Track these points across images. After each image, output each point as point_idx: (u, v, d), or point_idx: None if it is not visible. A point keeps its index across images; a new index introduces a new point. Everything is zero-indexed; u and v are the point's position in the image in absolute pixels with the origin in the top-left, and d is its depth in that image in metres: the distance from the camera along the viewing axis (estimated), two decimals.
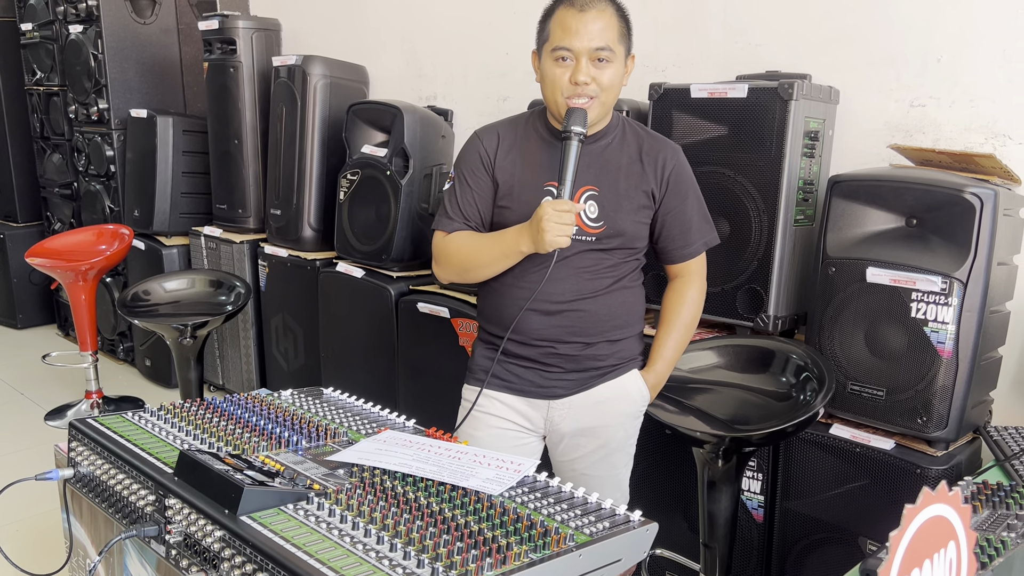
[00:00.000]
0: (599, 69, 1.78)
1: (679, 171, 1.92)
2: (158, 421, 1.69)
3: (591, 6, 1.76)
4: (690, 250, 1.97)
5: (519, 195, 1.87)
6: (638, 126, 1.95)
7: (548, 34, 1.81)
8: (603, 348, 1.92)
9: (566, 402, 1.93)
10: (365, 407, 1.86)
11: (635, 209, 1.88)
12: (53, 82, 4.90)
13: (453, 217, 1.92)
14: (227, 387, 4.21)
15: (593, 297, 1.88)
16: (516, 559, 1.17)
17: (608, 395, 1.94)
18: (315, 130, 3.59)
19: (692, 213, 1.94)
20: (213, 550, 1.26)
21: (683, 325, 2.00)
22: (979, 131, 2.25)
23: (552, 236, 1.72)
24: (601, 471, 1.98)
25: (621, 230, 1.87)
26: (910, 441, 2.02)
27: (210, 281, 3.55)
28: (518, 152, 1.89)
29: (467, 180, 1.91)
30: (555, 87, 1.80)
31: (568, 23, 1.76)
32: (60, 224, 5.18)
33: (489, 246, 1.87)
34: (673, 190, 1.91)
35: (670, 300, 2.01)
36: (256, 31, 3.92)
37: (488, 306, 1.97)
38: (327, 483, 1.40)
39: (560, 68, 1.78)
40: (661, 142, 1.93)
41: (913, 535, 0.94)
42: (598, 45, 1.76)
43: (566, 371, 1.91)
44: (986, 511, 1.52)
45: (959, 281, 1.90)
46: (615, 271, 1.91)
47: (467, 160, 1.92)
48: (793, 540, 2.21)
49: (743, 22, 2.67)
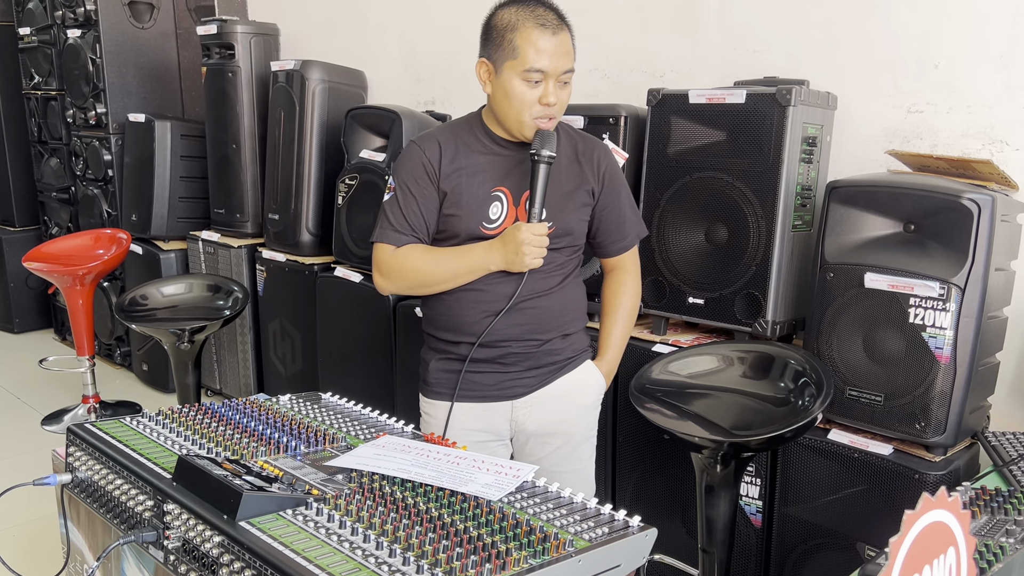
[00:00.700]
0: (562, 90, 1.84)
1: (612, 168, 2.00)
2: (156, 426, 1.69)
3: (560, 29, 1.81)
4: (625, 243, 2.05)
5: (467, 203, 1.88)
6: (569, 128, 2.01)
7: (516, 52, 1.79)
8: (557, 343, 1.98)
9: (528, 400, 1.98)
10: (363, 412, 1.86)
11: (578, 207, 1.95)
12: (51, 86, 4.90)
13: (400, 230, 1.89)
14: (225, 392, 4.20)
15: (547, 294, 1.94)
16: (515, 564, 1.17)
17: (568, 388, 2.01)
18: (313, 135, 3.59)
19: (625, 208, 2.03)
20: (212, 555, 1.26)
21: (627, 314, 2.08)
22: (977, 137, 2.26)
23: (530, 260, 1.81)
24: (569, 466, 2.02)
25: (569, 228, 1.93)
26: (908, 446, 2.02)
27: (208, 286, 3.54)
28: (463, 160, 1.90)
29: (411, 190, 1.89)
30: (523, 107, 1.81)
31: (543, 45, 1.78)
32: (57, 228, 5.18)
33: (452, 263, 1.88)
34: (608, 186, 1.98)
35: (611, 291, 2.09)
36: (254, 36, 3.92)
37: (439, 314, 1.97)
38: (326, 488, 1.39)
39: (531, 89, 1.80)
40: (593, 142, 2.01)
41: (913, 541, 0.94)
42: (567, 68, 1.82)
43: (524, 369, 1.96)
44: (984, 516, 1.52)
45: (957, 287, 1.90)
46: (563, 268, 1.97)
47: (410, 170, 1.90)
48: (791, 545, 2.20)
49: (741, 28, 2.68)
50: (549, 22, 1.79)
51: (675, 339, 2.45)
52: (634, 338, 2.50)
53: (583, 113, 2.60)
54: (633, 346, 2.48)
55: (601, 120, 2.56)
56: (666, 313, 2.48)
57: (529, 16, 1.79)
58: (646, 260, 2.49)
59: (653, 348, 2.42)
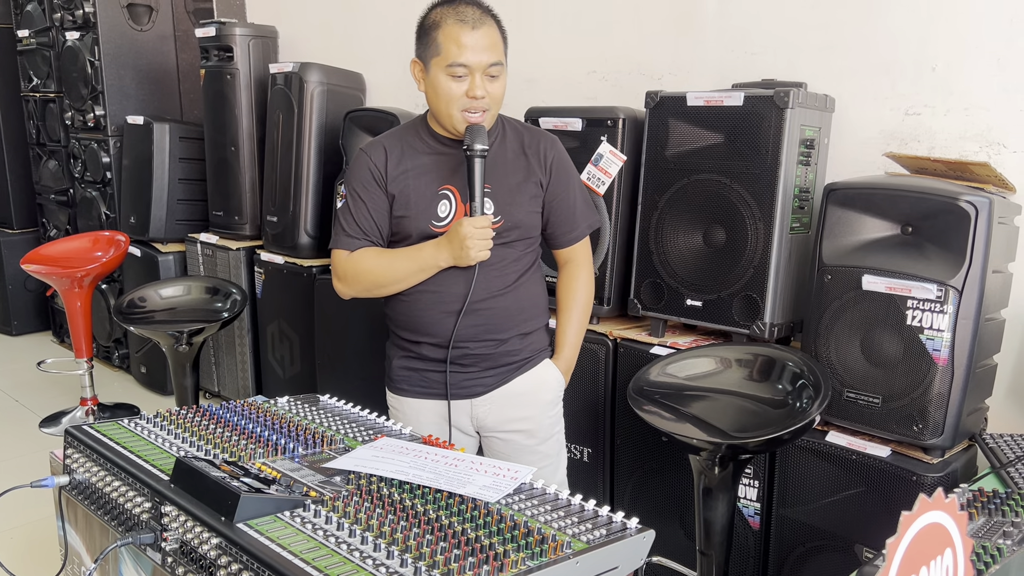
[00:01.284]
0: (491, 83, 1.88)
1: (559, 159, 2.03)
2: (154, 428, 1.69)
3: (481, 23, 1.86)
4: (575, 234, 2.08)
5: (415, 204, 1.95)
6: (516, 122, 2.06)
7: (439, 49, 1.87)
8: (515, 343, 2.01)
9: (487, 398, 2.03)
10: (362, 414, 1.86)
11: (527, 200, 1.98)
12: (49, 89, 4.91)
13: (353, 235, 1.96)
14: (223, 394, 4.20)
15: (502, 294, 1.97)
16: (513, 566, 1.17)
17: (527, 387, 2.05)
18: (312, 137, 3.59)
19: (575, 198, 2.06)
20: (209, 557, 1.26)
21: (580, 309, 2.11)
22: (974, 139, 2.26)
23: (476, 252, 1.84)
24: (536, 463, 2.06)
25: (518, 221, 1.97)
26: (906, 448, 2.03)
27: (206, 288, 3.54)
28: (408, 162, 1.97)
29: (360, 196, 1.96)
30: (451, 101, 1.88)
31: (462, 40, 1.84)
32: (56, 231, 5.18)
33: (404, 263, 1.93)
34: (556, 177, 2.02)
35: (565, 287, 2.12)
36: (253, 38, 3.93)
37: (399, 313, 2.02)
38: (324, 490, 1.39)
39: (456, 83, 1.86)
40: (540, 134, 2.05)
41: (910, 542, 0.94)
42: (491, 61, 1.87)
43: (482, 370, 2.00)
44: (982, 518, 1.52)
45: (954, 289, 1.90)
46: (518, 264, 2.00)
47: (358, 177, 1.98)
48: (789, 547, 2.20)
49: (739, 30, 2.68)
50: (469, 17, 1.85)
51: (673, 341, 2.46)
52: (632, 340, 2.50)
53: (581, 115, 2.60)
54: (631, 348, 2.49)
55: (599, 122, 2.57)
56: (664, 315, 2.48)
57: (451, 13, 1.87)
58: (644, 262, 2.50)
59: (651, 350, 2.42)
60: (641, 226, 2.50)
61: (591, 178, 2.57)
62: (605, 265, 2.59)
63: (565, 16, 3.15)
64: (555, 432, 2.13)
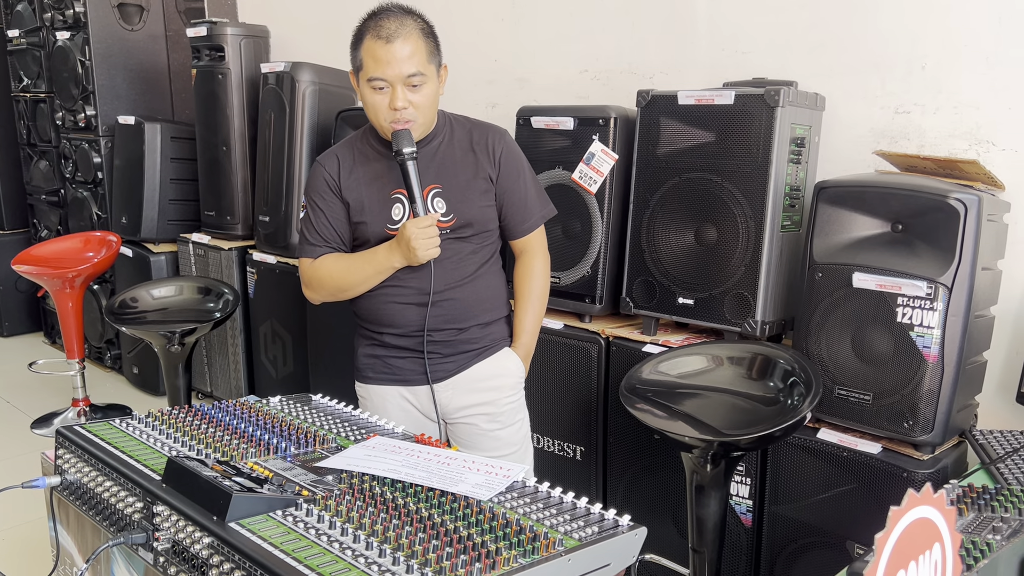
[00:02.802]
0: (414, 92, 1.90)
1: (508, 152, 2.05)
2: (146, 428, 1.69)
3: (396, 35, 1.87)
4: (528, 224, 2.11)
5: (370, 208, 2.00)
6: (463, 119, 2.09)
7: (360, 63, 1.92)
8: (475, 332, 2.06)
9: (448, 383, 2.07)
10: (354, 413, 1.86)
11: (478, 195, 2.01)
12: (40, 89, 4.88)
13: (315, 243, 2.03)
14: (215, 394, 4.19)
15: (460, 286, 2.01)
16: (505, 564, 1.17)
17: (487, 372, 2.09)
18: (303, 137, 3.58)
19: (527, 190, 2.08)
20: (201, 557, 1.26)
21: (536, 298, 2.15)
22: (963, 137, 2.28)
23: (423, 252, 1.89)
24: (500, 451, 2.10)
25: (471, 217, 2.00)
26: (897, 445, 2.03)
27: (198, 288, 3.54)
28: (360, 170, 2.02)
29: (319, 205, 2.03)
30: (376, 112, 1.92)
31: (378, 54, 1.87)
32: (47, 231, 5.16)
33: (361, 266, 1.99)
34: (506, 170, 2.04)
35: (520, 276, 2.15)
36: (244, 38, 3.92)
37: (363, 307, 2.07)
38: (316, 489, 1.40)
39: (378, 95, 1.90)
40: (488, 128, 2.08)
41: (899, 537, 0.95)
42: (409, 72, 1.88)
43: (443, 356, 2.05)
44: (971, 514, 1.53)
45: (944, 286, 1.91)
46: (475, 257, 2.04)
47: (314, 187, 2.04)
48: (782, 544, 2.21)
49: (730, 29, 2.69)
50: (384, 31, 1.87)
51: (665, 339, 2.46)
52: (624, 338, 2.51)
53: (573, 115, 2.61)
54: (623, 346, 2.49)
55: (591, 121, 2.57)
56: (656, 314, 2.49)
57: (371, 27, 1.90)
58: (636, 261, 2.50)
59: (643, 348, 2.43)
60: (633, 225, 2.50)
61: (583, 177, 2.57)
62: (597, 263, 2.59)
63: (557, 16, 3.15)
64: (517, 420, 2.16)
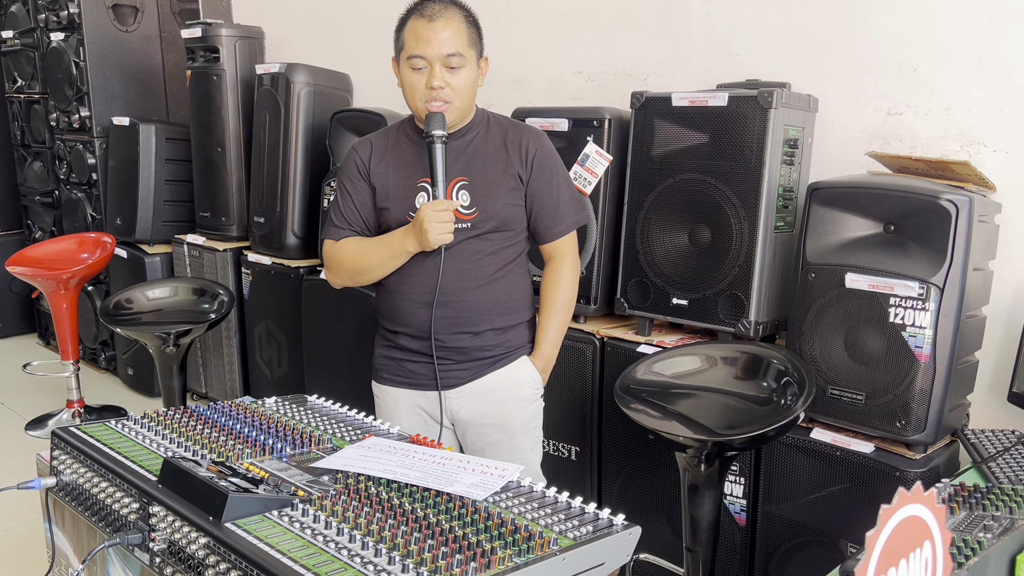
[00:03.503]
0: (452, 74, 1.92)
1: (543, 153, 2.04)
2: (141, 429, 1.69)
3: (440, 15, 1.90)
4: (560, 228, 2.08)
5: (395, 195, 2.01)
6: (502, 118, 2.09)
7: (403, 43, 1.95)
8: (491, 337, 2.03)
9: (460, 391, 2.05)
10: (349, 414, 1.86)
11: (505, 192, 2.00)
12: (34, 90, 4.88)
13: (339, 225, 2.05)
14: (210, 395, 4.19)
15: (475, 288, 1.99)
16: (500, 563, 1.18)
17: (501, 382, 2.06)
18: (299, 138, 3.59)
19: (560, 193, 2.06)
20: (197, 557, 1.27)
21: (562, 306, 2.11)
22: (955, 139, 2.29)
23: (434, 235, 1.87)
24: (510, 457, 2.07)
25: (493, 213, 1.99)
26: (889, 444, 2.05)
27: (193, 289, 3.54)
28: (390, 157, 2.03)
29: (347, 188, 2.05)
30: (414, 92, 1.94)
31: (419, 32, 1.90)
32: (41, 232, 5.15)
33: (377, 249, 1.99)
34: (538, 172, 2.03)
35: (547, 283, 2.12)
36: (239, 39, 3.92)
37: (382, 303, 2.09)
38: (312, 489, 1.40)
39: (417, 75, 1.93)
40: (523, 128, 2.07)
41: (889, 535, 0.96)
42: (449, 51, 1.90)
43: (456, 362, 2.03)
44: (963, 512, 1.55)
45: (936, 286, 1.92)
46: (496, 258, 2.01)
47: (346, 171, 2.07)
48: (775, 543, 2.22)
49: (724, 31, 2.70)
50: (427, 12, 1.90)
51: (659, 340, 2.47)
52: (619, 339, 2.52)
53: (567, 116, 2.62)
54: (618, 347, 2.50)
55: (585, 123, 2.58)
56: (650, 314, 2.49)
57: (415, 10, 1.94)
58: (631, 262, 2.51)
59: (638, 349, 2.44)
60: (627, 225, 2.51)
61: (578, 178, 2.58)
62: (592, 264, 2.60)
63: (551, 17, 3.16)
64: (531, 428, 2.14)
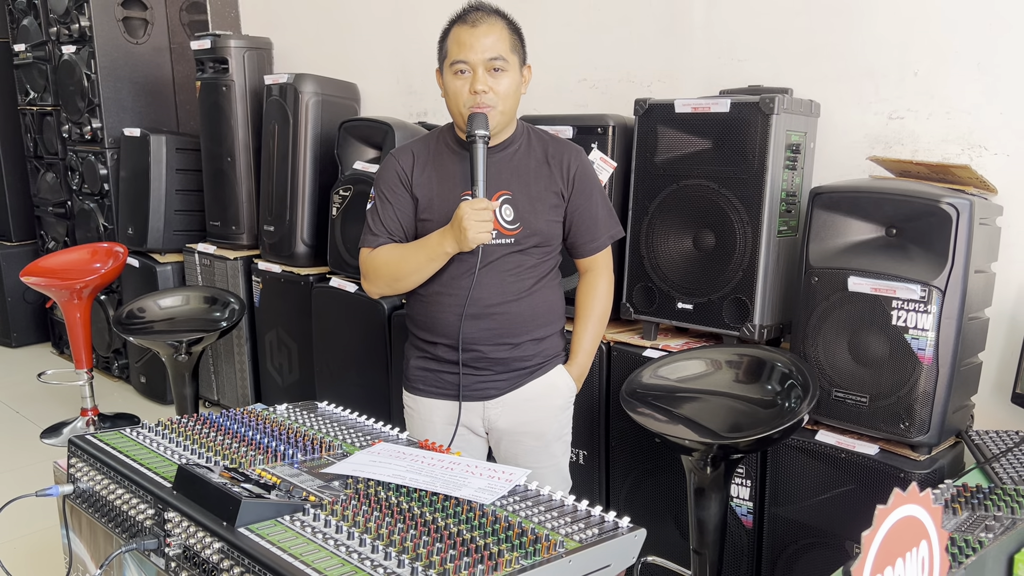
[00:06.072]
0: (495, 79, 1.92)
1: (583, 171, 2.06)
2: (156, 437, 1.72)
3: (482, 21, 1.91)
4: (597, 243, 2.11)
5: (438, 207, 2.00)
6: (542, 132, 2.10)
7: (446, 52, 1.96)
8: (529, 348, 2.05)
9: (500, 401, 2.07)
10: (359, 420, 1.89)
11: (548, 209, 2.02)
12: (46, 102, 4.94)
13: (377, 233, 2.05)
14: (222, 403, 4.22)
15: (516, 300, 2.00)
16: (507, 565, 1.20)
17: (538, 391, 2.08)
18: (307, 147, 3.62)
19: (598, 209, 2.09)
20: (212, 561, 1.29)
21: (597, 318, 2.15)
22: (956, 142, 2.31)
23: (473, 233, 1.85)
24: (543, 463, 2.11)
25: (536, 229, 2.00)
26: (894, 446, 2.06)
27: (204, 298, 3.58)
28: (432, 167, 2.03)
29: (387, 197, 2.04)
30: (457, 98, 1.95)
31: (462, 38, 1.91)
32: (54, 243, 5.20)
33: (414, 252, 1.99)
34: (579, 188, 2.05)
35: (583, 295, 2.15)
36: (248, 50, 3.96)
37: (418, 313, 2.09)
38: (323, 495, 1.43)
39: (460, 80, 1.93)
40: (564, 145, 2.08)
41: (885, 535, 0.98)
42: (491, 56, 1.91)
43: (496, 373, 2.04)
44: (965, 513, 1.56)
45: (938, 289, 1.94)
46: (535, 271, 2.03)
47: (385, 179, 2.05)
48: (782, 545, 2.24)
49: (726, 38, 2.72)
50: (470, 19, 1.92)
51: (665, 344, 2.49)
52: (625, 343, 2.54)
53: (572, 123, 2.64)
54: (624, 351, 2.52)
55: (589, 130, 2.61)
56: (656, 319, 2.52)
57: (456, 20, 1.96)
58: (636, 267, 2.53)
59: (644, 353, 2.46)
60: (632, 231, 2.53)
61: None
62: None
63: (555, 25, 3.19)
64: (563, 434, 2.17)
